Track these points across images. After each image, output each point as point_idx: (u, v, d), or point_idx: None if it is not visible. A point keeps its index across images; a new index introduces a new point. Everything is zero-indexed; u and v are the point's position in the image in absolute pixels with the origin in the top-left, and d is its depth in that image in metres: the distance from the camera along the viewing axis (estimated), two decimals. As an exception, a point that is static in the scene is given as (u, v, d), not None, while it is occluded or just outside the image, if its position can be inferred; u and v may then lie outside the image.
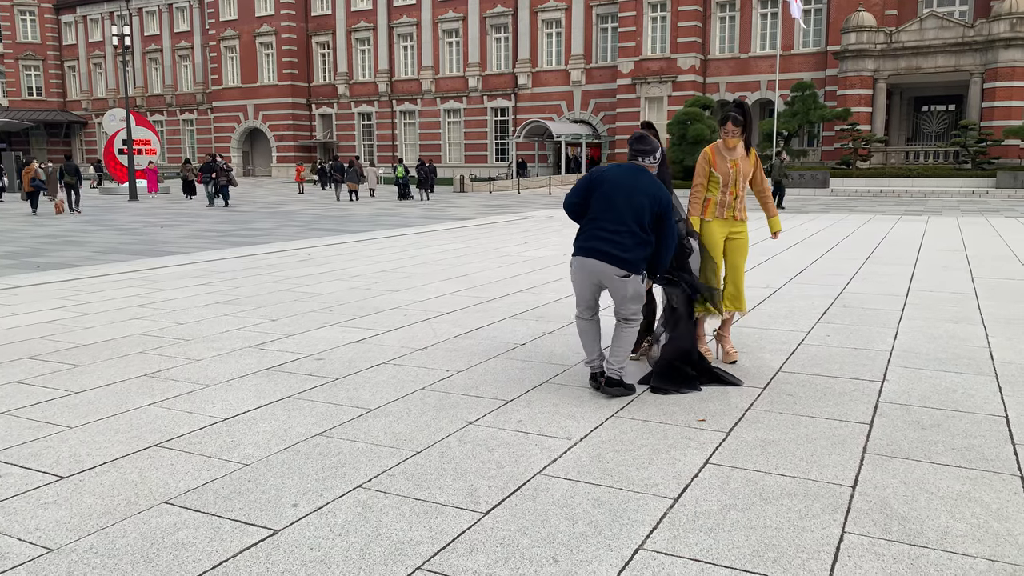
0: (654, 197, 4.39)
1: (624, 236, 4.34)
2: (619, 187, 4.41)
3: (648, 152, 4.53)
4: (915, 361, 5.32)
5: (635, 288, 4.44)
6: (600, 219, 4.42)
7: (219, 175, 26.76)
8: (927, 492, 3.21)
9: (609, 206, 4.41)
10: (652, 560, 2.67)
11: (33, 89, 70.25)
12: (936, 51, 37.54)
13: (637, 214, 4.35)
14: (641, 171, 4.50)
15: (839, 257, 11.24)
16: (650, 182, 4.45)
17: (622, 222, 4.35)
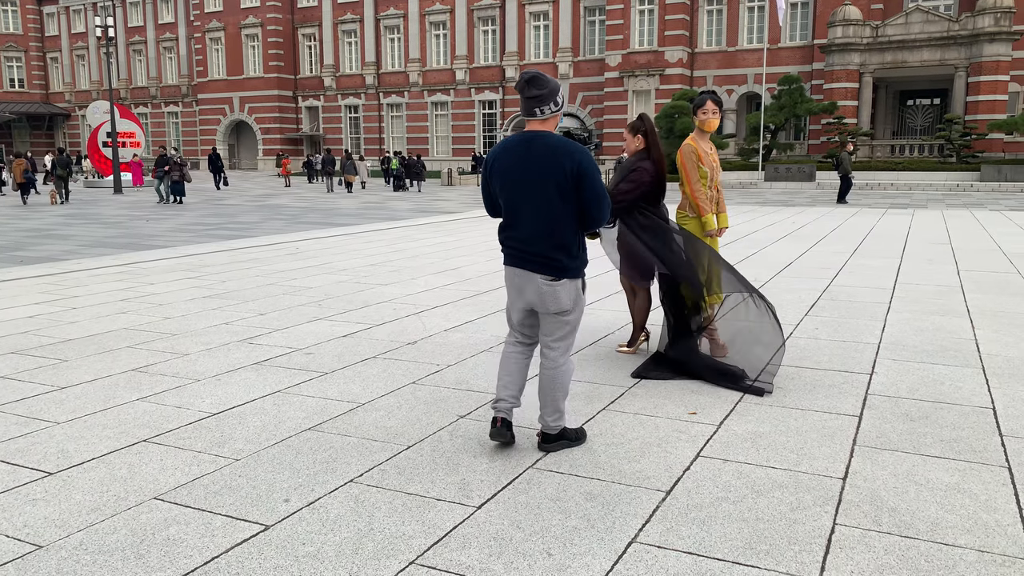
0: (562, 170, 3.28)
1: (540, 242, 3.38)
2: (512, 182, 3.36)
3: (545, 99, 3.32)
4: (903, 354, 5.36)
5: (569, 297, 3.42)
6: (509, 226, 3.45)
7: (172, 169, 24.61)
8: (917, 484, 3.23)
9: (510, 210, 3.41)
10: (645, 553, 2.68)
11: (15, 81, 69.43)
12: (921, 45, 37.75)
13: (547, 207, 3.33)
14: (533, 141, 3.34)
15: (826, 250, 11.30)
16: (550, 152, 3.29)
17: (534, 228, 3.36)
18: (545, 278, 3.38)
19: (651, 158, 5.00)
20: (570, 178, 3.29)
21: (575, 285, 3.46)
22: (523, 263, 3.42)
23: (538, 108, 3.34)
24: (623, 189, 4.89)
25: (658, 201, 5.05)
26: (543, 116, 3.37)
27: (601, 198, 3.38)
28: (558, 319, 3.47)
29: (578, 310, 3.51)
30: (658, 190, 5.00)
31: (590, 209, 3.39)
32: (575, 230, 3.41)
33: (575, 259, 3.44)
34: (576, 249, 3.44)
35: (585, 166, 3.31)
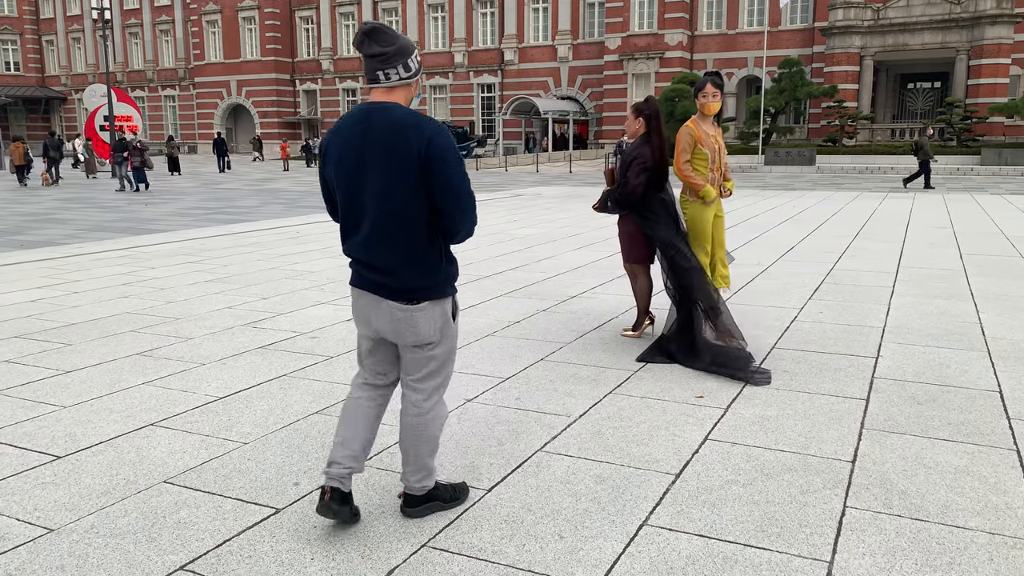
0: (407, 152, 2.44)
1: (386, 253, 2.53)
2: (347, 172, 2.53)
3: (391, 59, 2.51)
4: (908, 337, 5.36)
5: (432, 325, 2.61)
6: (348, 233, 2.62)
7: (132, 155, 23.29)
8: (926, 467, 3.24)
9: (348, 211, 2.58)
10: (657, 536, 2.68)
11: (10, 64, 68.95)
12: (923, 28, 37.55)
13: (391, 204, 2.48)
14: (372, 115, 2.50)
15: (828, 234, 11.28)
16: (392, 129, 2.46)
17: (377, 234, 2.52)
18: (397, 303, 2.55)
19: (650, 143, 4.98)
20: (418, 163, 2.44)
21: (441, 308, 2.62)
22: (367, 283, 2.60)
23: (382, 71, 2.50)
24: (639, 182, 4.88)
25: (661, 186, 5.04)
26: (388, 82, 2.51)
27: (460, 196, 2.49)
28: (420, 353, 2.65)
29: (448, 340, 2.70)
30: (659, 174, 4.99)
31: (443, 209, 2.49)
32: (434, 234, 2.55)
33: (436, 274, 2.57)
34: (438, 260, 2.57)
35: (438, 147, 2.44)
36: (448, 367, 2.77)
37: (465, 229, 2.58)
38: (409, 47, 2.55)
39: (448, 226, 2.55)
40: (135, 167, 23.27)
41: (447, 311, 2.66)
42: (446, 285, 2.63)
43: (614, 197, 5.11)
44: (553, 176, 32.30)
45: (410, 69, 2.55)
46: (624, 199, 5.01)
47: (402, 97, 2.56)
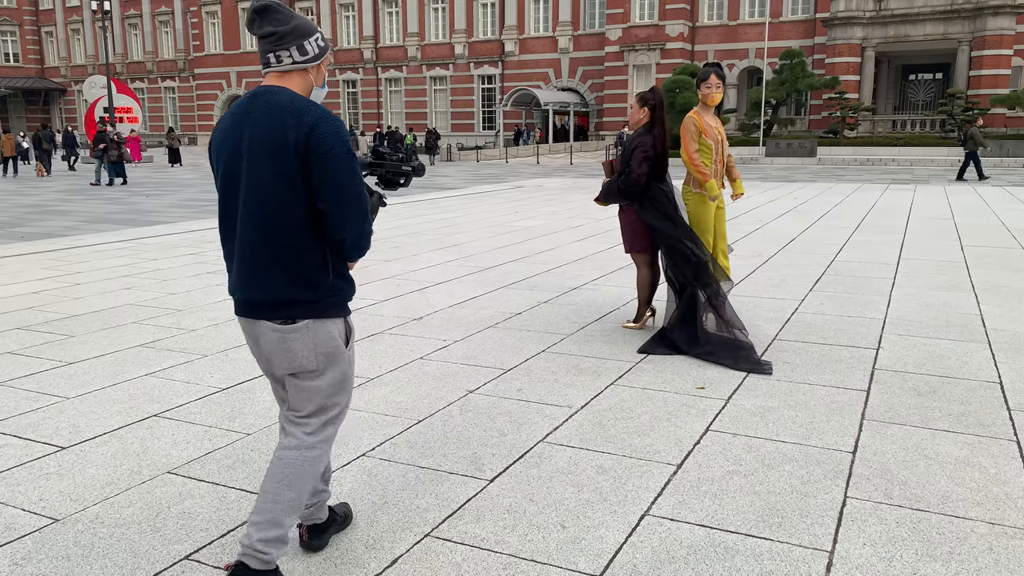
0: (284, 142, 2.09)
1: (256, 261, 2.17)
2: (224, 165, 2.20)
3: (285, 39, 2.18)
4: (909, 328, 5.36)
5: (310, 349, 2.21)
6: (224, 237, 2.27)
7: (109, 148, 22.07)
8: (926, 457, 3.25)
9: (223, 210, 2.24)
10: (659, 526, 2.70)
11: (10, 56, 68.75)
12: (925, 18, 37.42)
13: (262, 201, 2.12)
14: (256, 101, 2.17)
15: (829, 226, 11.28)
16: (271, 115, 2.12)
17: (248, 237, 2.17)
18: (271, 322, 2.18)
19: (652, 133, 4.99)
20: (296, 155, 2.08)
21: (324, 331, 2.21)
22: (241, 300, 2.23)
23: (274, 53, 2.18)
24: (642, 171, 4.89)
25: (662, 176, 5.05)
26: (280, 66, 2.18)
27: (344, 196, 2.11)
28: (300, 384, 2.25)
29: (335, 371, 2.26)
30: (661, 164, 5.00)
31: (325, 210, 2.12)
32: (318, 240, 2.17)
33: (318, 288, 2.18)
34: (322, 273, 2.18)
35: (321, 137, 2.08)
36: (338, 401, 2.31)
37: (352, 236, 2.17)
38: (307, 28, 2.22)
39: (331, 231, 2.15)
40: (112, 160, 22.26)
41: (333, 335, 2.23)
42: (333, 303, 2.22)
43: (616, 187, 5.12)
44: (554, 168, 32.26)
45: (307, 52, 2.20)
46: (627, 188, 5.01)
47: (298, 84, 2.21)
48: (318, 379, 2.25)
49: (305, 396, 2.28)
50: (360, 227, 2.18)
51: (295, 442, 2.28)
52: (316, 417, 2.30)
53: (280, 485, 2.23)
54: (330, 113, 2.14)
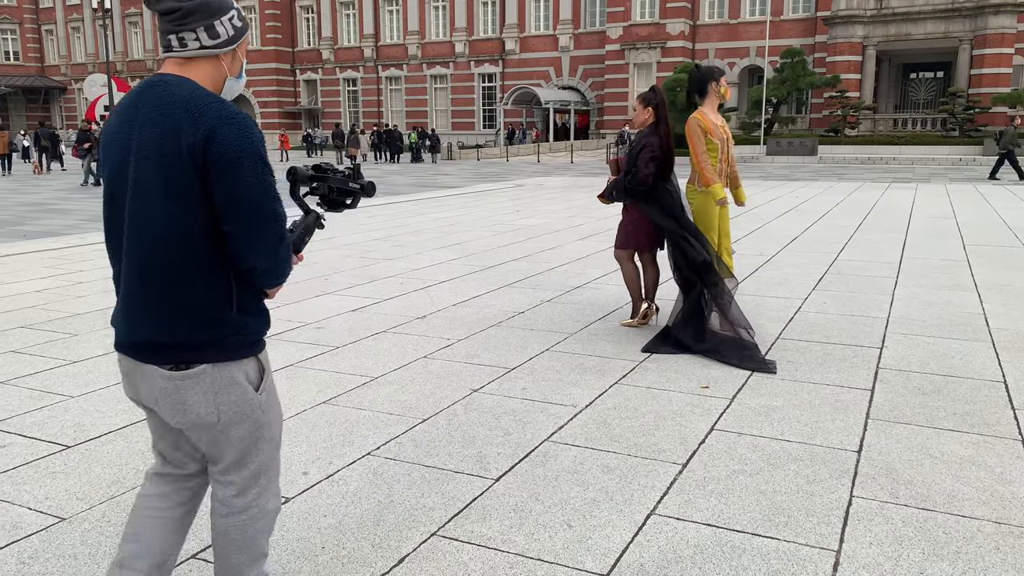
0: (176, 145, 1.69)
1: (139, 291, 1.79)
2: (109, 163, 1.82)
3: (189, 17, 1.77)
4: (912, 328, 5.36)
5: (209, 400, 1.82)
6: (110, 250, 1.88)
7: (94, 147, 20.98)
8: (932, 457, 3.25)
9: (108, 227, 1.86)
10: (665, 525, 2.70)
11: (10, 54, 68.72)
12: (926, 17, 37.41)
13: (147, 217, 1.74)
14: (147, 93, 1.77)
15: (831, 225, 11.28)
16: (164, 110, 1.72)
17: (128, 262, 1.80)
18: (160, 367, 1.79)
19: (658, 132, 5.01)
20: (192, 166, 1.69)
21: (226, 376, 1.82)
22: (123, 339, 1.85)
23: (176, 35, 1.77)
24: (649, 171, 4.89)
25: (667, 176, 5.05)
26: (184, 51, 1.78)
27: (253, 216, 1.73)
28: (208, 435, 1.87)
29: (243, 424, 1.87)
30: (667, 164, 5.01)
31: (229, 232, 1.74)
32: (219, 268, 1.78)
33: (218, 326, 1.80)
34: (223, 307, 1.80)
35: (224, 144, 1.68)
36: (262, 451, 1.93)
37: (265, 264, 1.78)
38: (221, 5, 1.80)
39: (238, 258, 1.77)
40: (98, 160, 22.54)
41: (238, 381, 1.83)
42: (237, 344, 1.82)
43: (621, 186, 5.12)
44: (554, 166, 32.26)
45: (218, 35, 1.79)
46: (633, 188, 5.02)
47: (205, 74, 1.80)
48: (229, 430, 1.86)
49: (221, 447, 1.89)
50: (275, 253, 1.79)
51: (224, 509, 1.94)
52: (236, 472, 1.91)
53: (228, 552, 1.97)
54: (238, 113, 1.74)
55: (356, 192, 2.10)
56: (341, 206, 2.12)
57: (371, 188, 2.12)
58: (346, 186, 2.09)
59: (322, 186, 2.09)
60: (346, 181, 2.10)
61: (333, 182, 2.09)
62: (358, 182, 2.12)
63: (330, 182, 2.09)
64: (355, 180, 2.12)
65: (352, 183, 2.10)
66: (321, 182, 2.10)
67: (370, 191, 2.12)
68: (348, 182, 2.10)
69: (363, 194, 2.12)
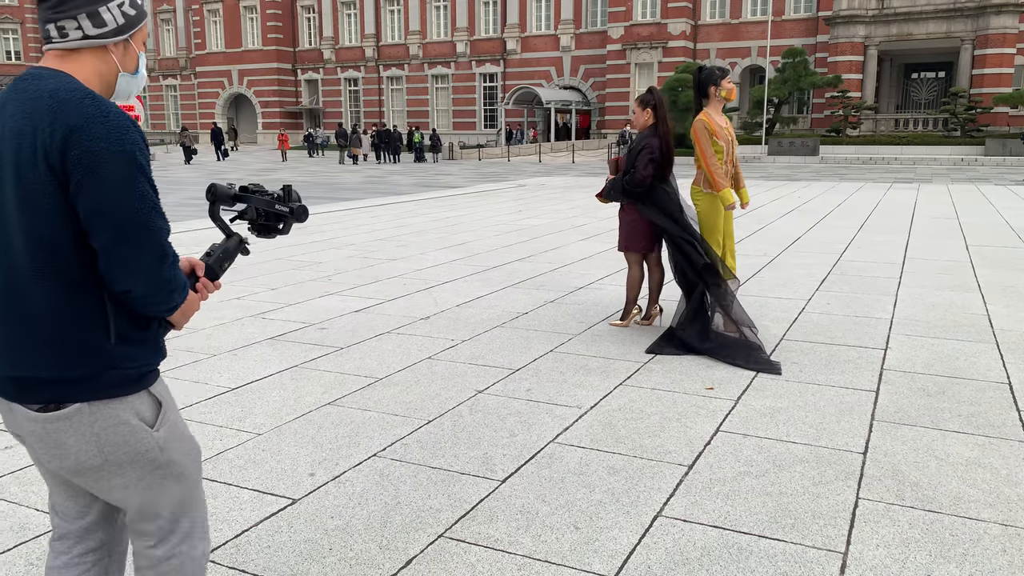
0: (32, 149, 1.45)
1: (3, 307, 1.54)
2: None
3: (65, 2, 1.52)
4: (916, 329, 5.36)
5: (87, 442, 1.55)
6: None
7: None
8: (937, 458, 3.25)
9: None
10: (672, 527, 2.70)
11: (11, 53, 68.75)
12: (928, 17, 37.40)
13: (6, 233, 1.51)
14: (13, 89, 1.54)
15: (833, 225, 11.28)
16: (24, 110, 1.48)
17: None
18: (26, 407, 1.55)
19: (658, 134, 5.02)
20: (50, 167, 1.45)
21: (110, 415, 1.56)
22: None
23: (55, 23, 1.54)
24: (648, 172, 4.91)
25: (665, 177, 5.06)
26: (64, 42, 1.55)
27: (125, 229, 1.47)
28: (104, 480, 1.61)
29: (137, 467, 1.60)
30: (666, 165, 5.01)
31: (100, 247, 1.48)
32: (93, 292, 1.53)
33: (94, 359, 1.53)
34: (99, 336, 1.53)
35: (89, 147, 1.44)
36: (172, 492, 1.67)
37: (143, 287, 1.51)
38: None
39: (111, 279, 1.50)
40: None
41: (124, 419, 1.57)
42: (118, 379, 1.55)
43: (620, 186, 5.13)
44: (556, 166, 32.27)
45: (105, 24, 1.56)
46: (631, 188, 5.04)
47: (90, 69, 1.57)
48: (113, 477, 1.59)
49: (126, 493, 1.63)
50: (153, 274, 1.50)
51: (145, 562, 1.70)
52: (151, 520, 1.67)
53: None
54: (111, 111, 1.48)
55: (285, 216, 1.89)
56: (272, 231, 1.89)
57: (302, 212, 1.92)
58: (273, 208, 1.87)
59: (249, 209, 1.86)
60: (273, 203, 1.87)
61: (259, 203, 1.86)
62: (288, 205, 1.89)
63: (255, 203, 1.85)
64: (284, 202, 1.90)
65: (280, 206, 1.88)
66: (247, 203, 1.86)
67: (301, 216, 1.91)
68: (275, 204, 1.88)
69: (293, 219, 1.90)
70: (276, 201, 1.88)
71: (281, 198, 1.90)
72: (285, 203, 1.90)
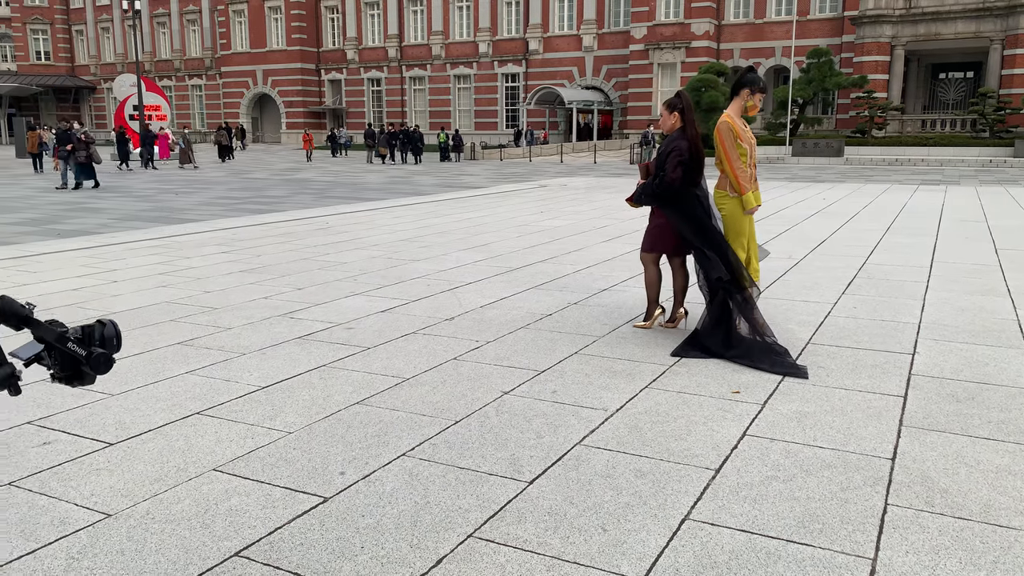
0: None
1: None
2: None
3: None
4: (944, 333, 5.32)
5: None
6: None
7: (76, 149, 20.22)
8: (967, 465, 3.23)
9: None
10: (699, 530, 2.71)
11: (41, 54, 69.88)
12: (956, 16, 36.91)
13: None
14: None
15: (859, 227, 11.18)
16: None
17: None
18: None
19: (686, 136, 5.03)
20: None
21: None
22: None
23: None
24: (676, 175, 4.92)
25: (696, 180, 5.06)
26: None
27: None
28: None
29: None
30: (695, 168, 5.02)
31: None
32: None
33: None
34: None
35: None
36: None
37: None
38: None
39: None
40: (80, 162, 20.11)
41: None
42: None
43: (649, 190, 5.14)
44: (577, 167, 32.23)
45: None
46: (660, 192, 5.05)
47: None
48: None
49: None
50: None
51: None
52: None
53: None
54: None
55: (80, 360, 1.49)
56: (72, 380, 1.52)
57: (100, 363, 1.50)
58: (64, 347, 1.48)
59: (44, 347, 1.49)
60: (65, 340, 1.48)
61: (47, 333, 1.47)
62: (84, 348, 1.50)
63: (45, 334, 1.47)
64: (85, 343, 1.51)
65: (76, 347, 1.49)
66: (35, 333, 1.48)
67: (99, 366, 1.50)
68: (66, 342, 1.48)
69: (88, 366, 1.49)
70: (69, 339, 1.49)
71: (82, 338, 1.51)
72: (85, 344, 1.51)
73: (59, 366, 1.49)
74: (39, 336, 1.48)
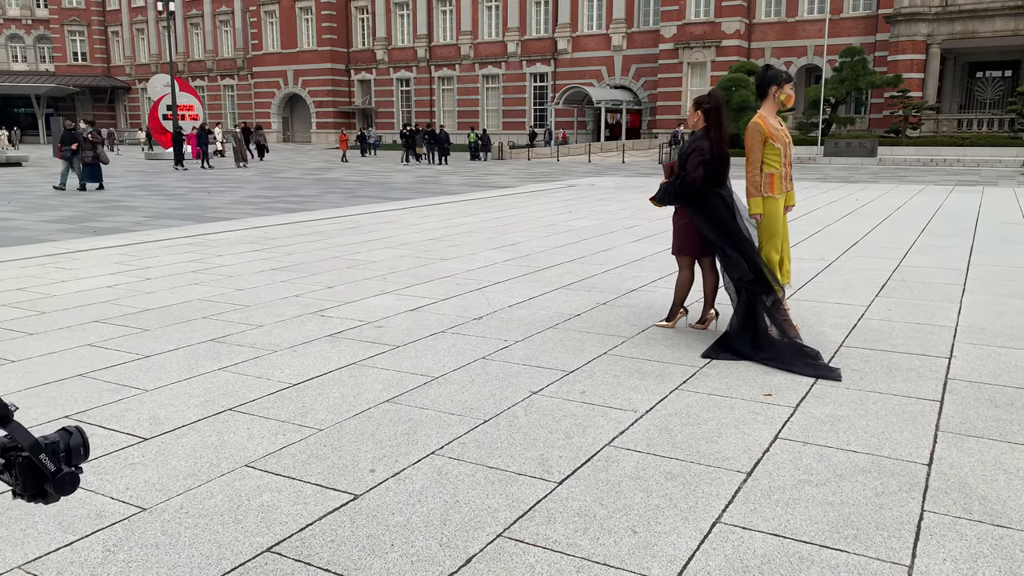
0: None
1: None
2: None
3: None
4: (982, 337, 5.21)
5: None
6: None
7: (83, 148, 19.03)
8: (1006, 472, 3.16)
9: None
10: (731, 534, 2.69)
11: (78, 55, 71.26)
12: (994, 14, 36.18)
13: None
14: None
15: (893, 229, 11.01)
16: None
17: None
18: None
19: (708, 137, 4.95)
20: None
21: None
22: None
23: None
24: (698, 175, 4.88)
25: (720, 180, 4.99)
26: None
27: None
28: None
29: None
30: (719, 169, 4.93)
31: None
32: None
33: None
34: None
35: None
36: None
37: None
38: None
39: None
40: (87, 163, 19.09)
41: None
42: None
43: (672, 190, 5.10)
44: (606, 166, 32.12)
45: None
46: (682, 191, 5.01)
47: None
48: None
49: None
50: None
51: None
52: None
53: None
54: None
55: (48, 476, 1.32)
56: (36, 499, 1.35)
57: (64, 483, 1.34)
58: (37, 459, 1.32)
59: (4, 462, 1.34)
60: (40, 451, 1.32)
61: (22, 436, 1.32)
62: (55, 463, 1.34)
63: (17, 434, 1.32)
64: (55, 457, 1.34)
65: (47, 459, 1.33)
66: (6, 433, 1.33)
67: (63, 486, 1.34)
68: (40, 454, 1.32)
69: (52, 482, 1.33)
70: (43, 450, 1.33)
71: (51, 447, 1.34)
72: (55, 458, 1.34)
73: (21, 484, 1.32)
74: (8, 441, 1.32)
